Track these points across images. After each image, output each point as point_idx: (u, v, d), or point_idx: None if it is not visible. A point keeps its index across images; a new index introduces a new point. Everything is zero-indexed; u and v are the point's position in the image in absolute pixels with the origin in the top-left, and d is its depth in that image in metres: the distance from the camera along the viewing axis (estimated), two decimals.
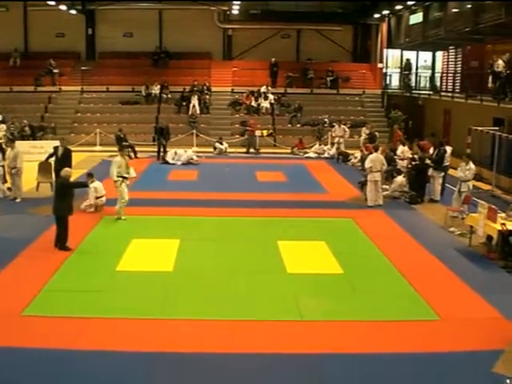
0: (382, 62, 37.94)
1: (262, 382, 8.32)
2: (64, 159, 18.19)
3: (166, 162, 26.47)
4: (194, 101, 34.11)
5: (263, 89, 35.11)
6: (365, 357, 8.93)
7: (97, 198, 17.18)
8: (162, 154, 27.28)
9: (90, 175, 17.59)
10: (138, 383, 8.14)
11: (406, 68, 36.80)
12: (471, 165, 17.21)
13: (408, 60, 36.88)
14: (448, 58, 36.10)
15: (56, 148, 18.83)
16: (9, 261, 12.64)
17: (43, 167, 18.34)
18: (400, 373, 8.51)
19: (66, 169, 14.38)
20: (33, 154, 26.00)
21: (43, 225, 15.55)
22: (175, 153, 26.76)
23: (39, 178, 18.05)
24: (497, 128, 23.09)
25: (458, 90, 31.25)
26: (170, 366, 8.53)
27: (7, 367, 8.32)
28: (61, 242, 13.60)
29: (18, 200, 18.20)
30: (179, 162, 26.28)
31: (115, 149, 27.75)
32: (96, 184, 17.19)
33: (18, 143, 19.98)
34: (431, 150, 20.88)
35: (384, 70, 38.28)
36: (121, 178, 16.17)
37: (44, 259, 12.86)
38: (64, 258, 13.01)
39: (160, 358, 8.74)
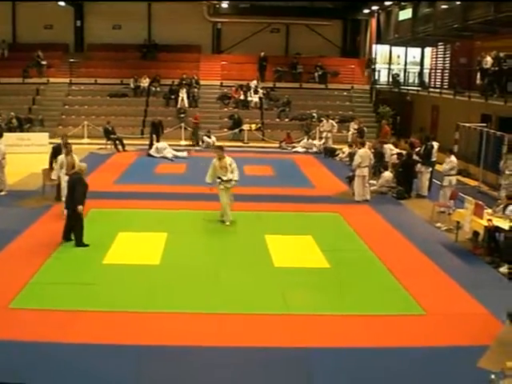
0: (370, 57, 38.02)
1: (248, 376, 8.33)
2: None
3: (151, 156, 26.37)
4: (183, 94, 33.99)
5: (253, 83, 35.05)
6: (351, 351, 8.97)
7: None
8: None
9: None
10: (125, 376, 8.12)
11: (367, 64, 36.87)
12: (452, 158, 17.39)
13: (370, 56, 37.03)
14: (437, 55, 36.28)
15: (57, 147, 18.01)
16: None
17: (47, 172, 18.05)
18: (386, 367, 8.54)
19: (82, 164, 14.21)
20: (20, 146, 25.90)
21: (29, 217, 15.53)
22: (156, 148, 26.67)
23: (45, 180, 17.88)
24: (484, 124, 23.19)
25: (446, 87, 31.40)
26: (156, 360, 8.53)
27: None
28: (78, 239, 13.43)
29: (2, 193, 18.06)
30: (170, 155, 26.19)
31: (103, 141, 27.99)
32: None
33: (4, 136, 19.77)
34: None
35: (373, 66, 38.36)
36: (219, 180, 15.62)
37: (31, 252, 12.80)
38: (51, 250, 12.95)
39: (147, 351, 8.74)
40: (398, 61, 40.41)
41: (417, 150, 20.45)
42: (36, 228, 14.78)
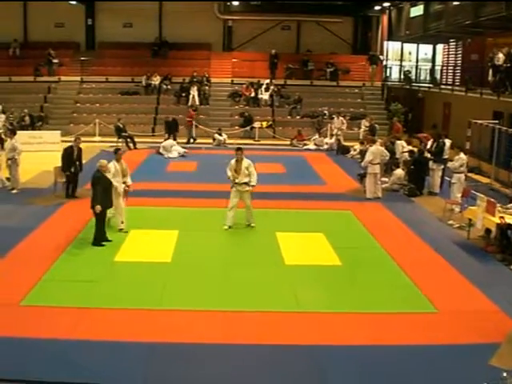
0: (382, 54, 37.90)
1: (259, 373, 8.33)
2: (79, 159, 17.88)
3: (161, 154, 26.42)
4: (194, 92, 34.02)
5: (266, 82, 34.99)
6: (362, 348, 8.95)
7: None
8: None
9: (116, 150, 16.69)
10: (135, 373, 8.14)
11: (371, 59, 36.57)
12: (461, 155, 17.35)
13: (374, 54, 36.74)
14: (448, 51, 36.09)
15: (70, 148, 17.88)
16: (7, 251, 12.65)
17: (58, 171, 18.09)
18: (397, 365, 8.53)
19: (102, 160, 14.17)
20: (32, 144, 25.93)
21: (41, 215, 15.61)
22: (164, 146, 26.68)
23: (57, 178, 17.97)
24: (496, 121, 23.08)
25: (457, 83, 31.23)
26: (167, 357, 8.55)
27: (5, 357, 8.33)
28: (94, 237, 13.41)
29: (14, 191, 18.15)
30: (171, 155, 26.19)
31: (114, 139, 28.07)
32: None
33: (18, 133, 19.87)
34: (429, 143, 20.91)
35: (384, 63, 38.24)
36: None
37: (43, 249, 12.86)
38: (62, 248, 13.01)
39: (157, 348, 8.76)
40: (409, 58, 40.27)
41: (428, 147, 20.38)
42: (48, 226, 14.84)
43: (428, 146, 20.47)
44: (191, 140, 30.42)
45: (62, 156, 17.74)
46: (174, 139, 27.85)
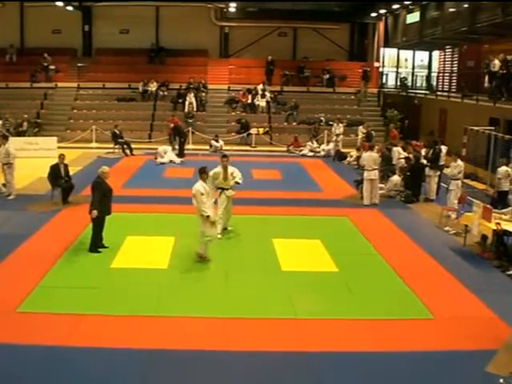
0: (378, 61, 37.98)
1: (255, 380, 8.32)
2: (67, 175, 17.85)
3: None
4: (191, 98, 34.05)
5: (260, 87, 35.07)
6: (359, 355, 8.94)
7: None
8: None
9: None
10: (132, 380, 8.12)
11: (364, 75, 36.51)
12: (459, 162, 17.37)
13: (366, 70, 36.71)
14: (444, 58, 36.22)
15: (56, 166, 17.82)
16: (3, 257, 12.62)
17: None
18: (393, 371, 8.52)
19: (103, 167, 14.08)
20: (28, 150, 25.92)
21: (38, 221, 15.57)
22: (157, 152, 26.61)
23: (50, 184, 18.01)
24: (492, 128, 23.12)
25: (454, 90, 31.32)
26: (163, 364, 8.52)
27: (1, 363, 8.31)
28: (90, 243, 13.39)
29: (11, 197, 18.14)
30: (163, 160, 26.11)
31: (111, 146, 28.06)
32: None
33: (12, 139, 19.83)
34: (423, 151, 20.95)
35: (380, 69, 38.33)
36: (219, 190, 14.86)
37: (39, 256, 12.82)
38: (59, 254, 12.98)
39: (153, 355, 8.73)
40: (405, 64, 40.40)
41: (423, 153, 20.42)
42: (44, 232, 14.81)
43: (423, 153, 20.50)
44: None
45: (49, 173, 17.73)
46: (183, 148, 27.91)
